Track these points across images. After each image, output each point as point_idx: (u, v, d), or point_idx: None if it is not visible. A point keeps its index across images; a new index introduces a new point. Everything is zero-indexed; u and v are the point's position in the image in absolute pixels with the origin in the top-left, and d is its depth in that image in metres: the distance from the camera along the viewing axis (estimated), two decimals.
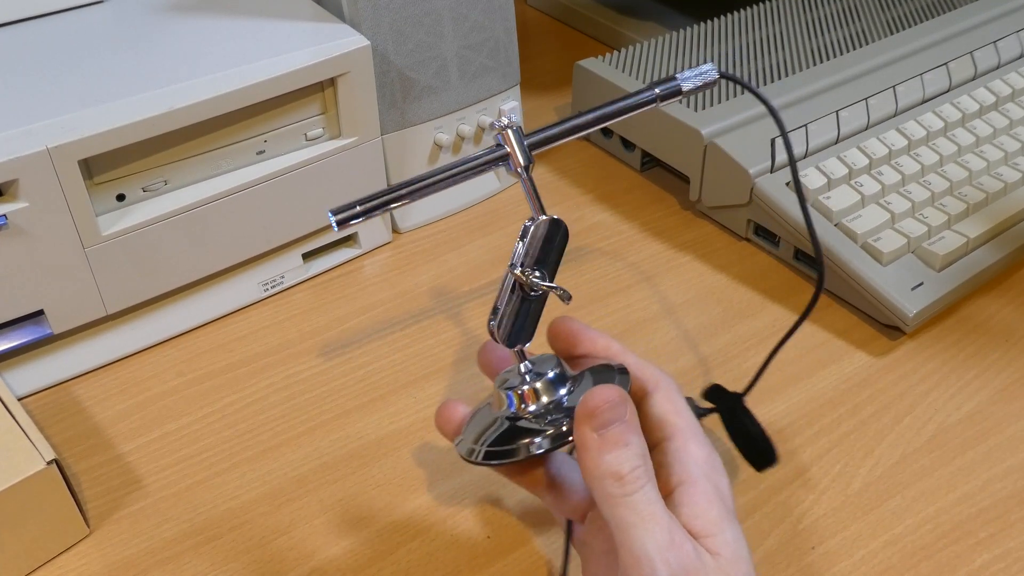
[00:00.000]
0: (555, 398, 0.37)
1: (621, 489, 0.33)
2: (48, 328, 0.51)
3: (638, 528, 0.32)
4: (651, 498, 0.33)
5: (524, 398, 0.37)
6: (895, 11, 0.77)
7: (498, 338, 0.38)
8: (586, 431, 0.34)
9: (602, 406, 0.34)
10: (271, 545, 0.45)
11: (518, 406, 0.38)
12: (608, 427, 0.34)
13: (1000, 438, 0.50)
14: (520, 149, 0.38)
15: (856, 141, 0.64)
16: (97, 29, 0.55)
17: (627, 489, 0.33)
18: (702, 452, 0.36)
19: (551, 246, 0.38)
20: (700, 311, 0.58)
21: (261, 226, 0.56)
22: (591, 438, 0.34)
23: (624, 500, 0.33)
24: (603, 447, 0.33)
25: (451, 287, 0.60)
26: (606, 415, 0.34)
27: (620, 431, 0.34)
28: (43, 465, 0.41)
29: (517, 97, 0.67)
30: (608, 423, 0.34)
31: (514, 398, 0.38)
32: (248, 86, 0.51)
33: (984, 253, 0.58)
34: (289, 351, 0.55)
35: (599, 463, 0.33)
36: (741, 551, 0.34)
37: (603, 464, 0.33)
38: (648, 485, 0.33)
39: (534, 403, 0.37)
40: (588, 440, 0.34)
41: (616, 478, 0.33)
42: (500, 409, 0.38)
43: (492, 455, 0.37)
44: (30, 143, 0.45)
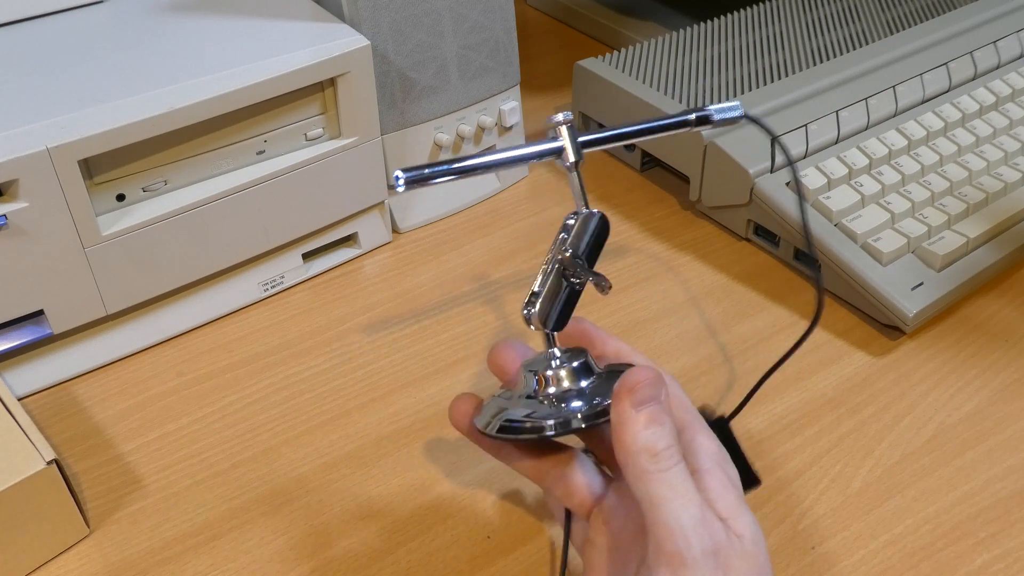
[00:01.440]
0: (577, 387, 0.38)
1: (657, 465, 0.34)
2: (48, 328, 0.51)
3: (673, 503, 0.33)
4: (684, 476, 0.34)
5: (548, 381, 0.38)
6: (895, 11, 0.77)
7: (534, 321, 0.39)
8: (625, 407, 0.35)
9: (643, 382, 0.35)
10: (271, 545, 0.45)
11: (541, 387, 0.38)
12: (647, 404, 0.35)
13: (1000, 438, 0.50)
14: (573, 145, 0.40)
15: (856, 141, 0.64)
16: (97, 29, 0.55)
17: (662, 465, 0.34)
18: (712, 444, 0.37)
19: (595, 239, 0.40)
20: (700, 311, 0.58)
21: (261, 226, 0.56)
22: (630, 414, 0.35)
23: (659, 475, 0.34)
24: (641, 423, 0.34)
25: (451, 287, 0.60)
26: (646, 391, 0.35)
27: (657, 410, 0.35)
28: (43, 465, 0.41)
29: (517, 97, 0.67)
30: (647, 400, 0.35)
31: (538, 380, 0.38)
32: (248, 86, 0.51)
33: (984, 253, 0.58)
34: (289, 351, 0.55)
35: (637, 438, 0.34)
36: (759, 535, 0.35)
37: (641, 439, 0.34)
38: (681, 463, 0.34)
39: (556, 387, 0.38)
40: (627, 415, 0.35)
41: (652, 454, 0.34)
42: (524, 388, 0.39)
43: (506, 430, 0.38)
44: (30, 143, 0.45)
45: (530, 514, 0.46)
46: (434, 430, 0.50)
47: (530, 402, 0.38)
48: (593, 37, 0.88)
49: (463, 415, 0.41)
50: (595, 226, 0.40)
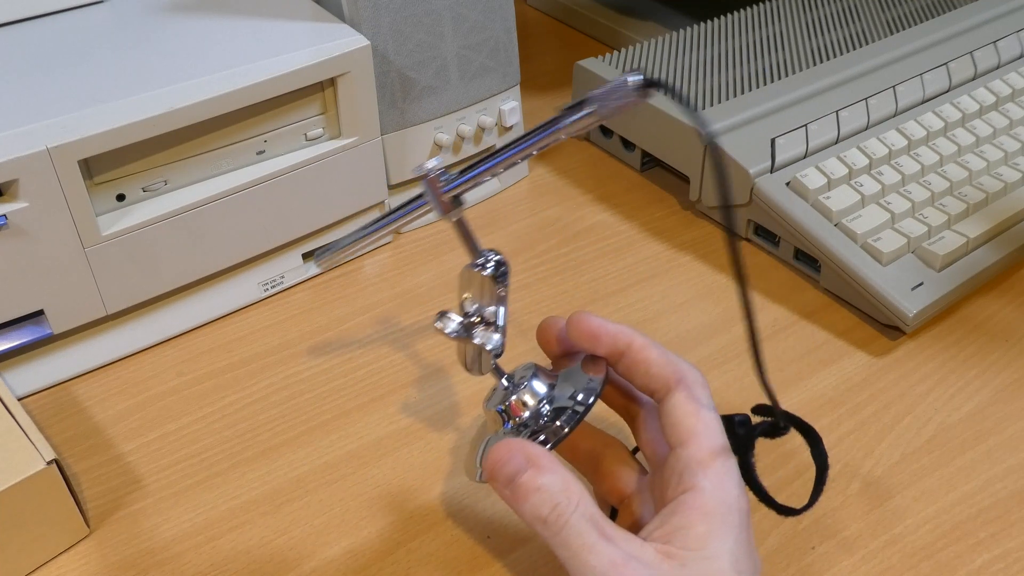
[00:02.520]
0: (540, 397, 0.39)
1: (548, 530, 0.33)
2: (48, 328, 0.51)
3: (575, 561, 0.33)
4: (580, 530, 0.33)
5: (513, 410, 0.39)
6: (895, 11, 0.77)
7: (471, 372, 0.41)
8: (499, 489, 0.35)
9: (499, 464, 0.35)
10: (271, 545, 0.45)
11: (512, 420, 0.39)
12: (514, 480, 0.34)
13: (1000, 438, 0.50)
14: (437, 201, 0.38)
15: (856, 141, 0.64)
16: (97, 29, 0.55)
17: (553, 529, 0.33)
18: (715, 461, 0.35)
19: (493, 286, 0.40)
20: (700, 311, 0.58)
21: (261, 226, 0.56)
22: (505, 495, 0.35)
23: (556, 539, 0.33)
24: (517, 500, 0.34)
25: (451, 287, 0.60)
26: (506, 471, 0.35)
27: (527, 479, 0.34)
28: (43, 465, 0.41)
29: (517, 97, 0.67)
30: (511, 477, 0.34)
31: (505, 412, 0.39)
32: (248, 86, 0.51)
33: (984, 253, 0.58)
34: (289, 351, 0.55)
35: (522, 514, 0.34)
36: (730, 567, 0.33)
37: (525, 514, 0.34)
38: (574, 517, 0.33)
39: (524, 411, 0.38)
40: (505, 496, 0.35)
41: (540, 522, 0.34)
42: (498, 428, 0.39)
43: None
44: (30, 143, 0.45)
45: None
46: (434, 430, 0.50)
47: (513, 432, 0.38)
48: (593, 37, 0.88)
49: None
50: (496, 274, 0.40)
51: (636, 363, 0.38)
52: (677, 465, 0.36)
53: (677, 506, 0.34)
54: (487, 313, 0.40)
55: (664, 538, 0.34)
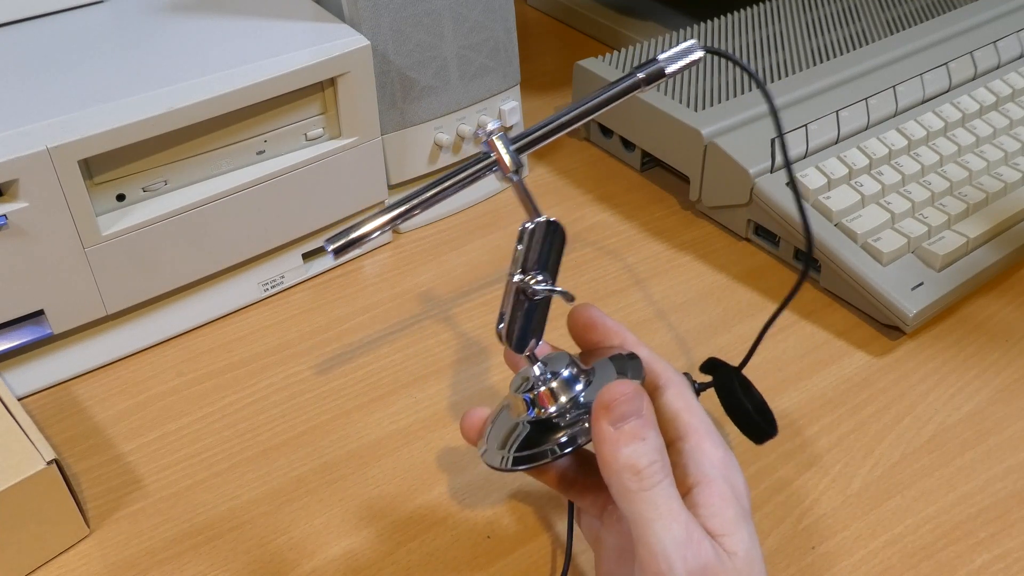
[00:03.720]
0: (572, 395, 0.38)
1: (639, 483, 0.33)
2: (48, 328, 0.51)
3: (656, 523, 0.32)
4: (669, 494, 0.33)
5: (542, 400, 0.38)
6: (895, 11, 0.77)
7: (506, 343, 0.38)
8: (603, 425, 0.34)
9: (618, 399, 0.34)
10: (271, 545, 0.45)
11: (537, 409, 0.38)
12: (625, 421, 0.34)
13: (1000, 438, 0.50)
14: (509, 154, 0.37)
15: (856, 141, 0.64)
16: (97, 29, 0.55)
17: (644, 484, 0.33)
18: (717, 452, 0.36)
19: (550, 248, 0.38)
20: (700, 311, 0.58)
21: (261, 226, 0.56)
22: (608, 432, 0.34)
23: (642, 495, 0.33)
24: (620, 441, 0.33)
25: (451, 287, 0.60)
26: (622, 409, 0.34)
27: (637, 425, 0.34)
28: (43, 465, 0.41)
29: (517, 97, 0.67)
30: (625, 417, 0.34)
31: (532, 401, 0.38)
32: (248, 86, 0.51)
33: (984, 253, 0.58)
34: (289, 351, 0.55)
35: (617, 457, 0.33)
36: (755, 551, 0.34)
37: (621, 458, 0.33)
38: (666, 480, 0.33)
39: (552, 404, 0.37)
40: (605, 434, 0.34)
41: (633, 472, 0.33)
42: (520, 414, 0.38)
43: (521, 460, 0.37)
44: (30, 143, 0.45)
45: (530, 514, 0.46)
46: (434, 430, 0.50)
47: (533, 426, 0.38)
48: (593, 37, 0.88)
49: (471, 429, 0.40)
50: (545, 235, 0.38)
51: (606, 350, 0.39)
52: (681, 458, 0.36)
53: (699, 497, 0.35)
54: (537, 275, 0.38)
55: None
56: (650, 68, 0.39)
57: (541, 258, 0.38)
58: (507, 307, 0.38)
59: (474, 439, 0.40)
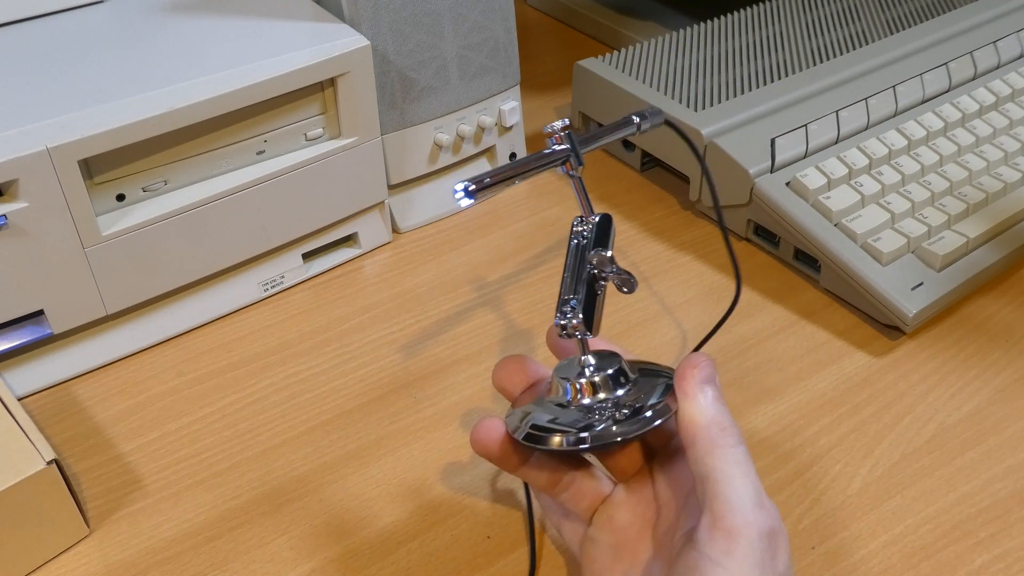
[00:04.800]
0: (611, 396, 0.38)
1: (725, 439, 0.34)
2: (48, 328, 0.51)
3: (737, 480, 0.33)
4: (748, 455, 0.34)
5: (581, 390, 0.38)
6: (895, 11, 0.77)
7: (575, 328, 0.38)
8: (693, 382, 0.35)
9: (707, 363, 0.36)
10: (271, 545, 0.45)
11: (573, 396, 0.38)
12: (710, 382, 0.36)
13: (1000, 438, 0.50)
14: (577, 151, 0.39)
15: (856, 141, 0.64)
16: (97, 29, 0.55)
17: (730, 440, 0.34)
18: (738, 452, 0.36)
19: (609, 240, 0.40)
20: (700, 311, 0.58)
21: (261, 226, 0.56)
22: (698, 388, 0.35)
23: (728, 451, 0.34)
24: (710, 398, 0.35)
25: (451, 287, 0.60)
26: (709, 369, 0.36)
27: (719, 391, 0.36)
28: (43, 465, 0.41)
29: (517, 97, 0.67)
30: (711, 378, 0.36)
31: (570, 389, 0.38)
32: (248, 86, 0.51)
33: (984, 253, 0.58)
34: (289, 351, 0.55)
35: (705, 412, 0.35)
36: None
37: (709, 412, 0.35)
38: (744, 444, 0.35)
39: (589, 397, 0.38)
40: (695, 390, 0.35)
41: (721, 428, 0.34)
42: (555, 396, 0.39)
43: (532, 438, 0.37)
44: (30, 143, 0.45)
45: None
46: (434, 430, 0.50)
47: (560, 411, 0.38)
48: (593, 37, 0.88)
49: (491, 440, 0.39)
50: (612, 228, 0.40)
51: None
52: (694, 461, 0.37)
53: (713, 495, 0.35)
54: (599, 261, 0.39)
55: None
56: None
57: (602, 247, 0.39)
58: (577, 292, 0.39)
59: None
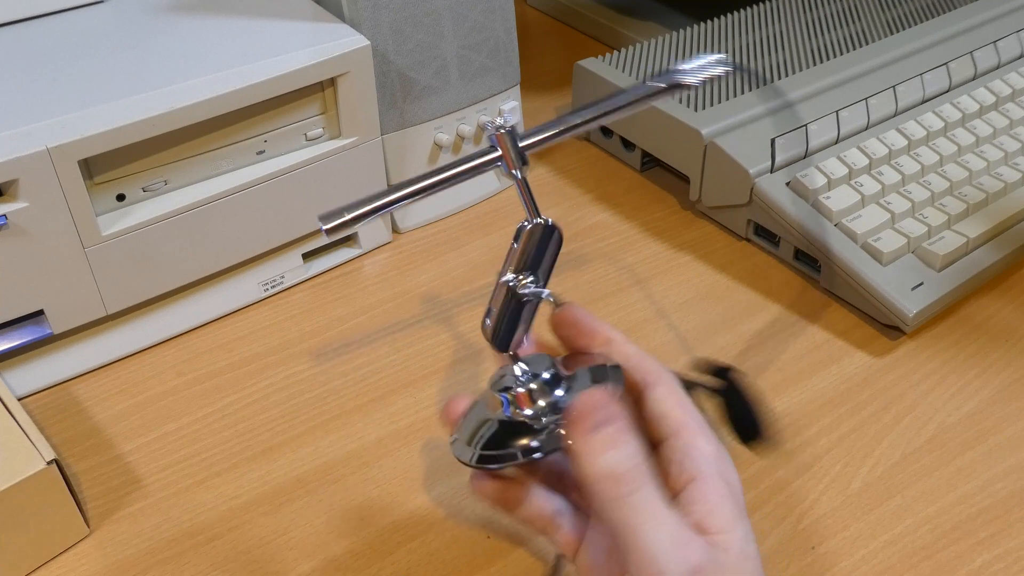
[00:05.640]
0: (550, 400, 0.37)
1: (619, 490, 0.32)
2: (48, 328, 0.51)
3: (642, 528, 0.32)
4: (653, 497, 0.32)
5: (519, 400, 0.37)
6: (895, 11, 0.77)
7: (490, 341, 0.37)
8: (578, 435, 0.33)
9: (592, 408, 0.33)
10: (271, 545, 0.45)
11: (513, 409, 0.37)
12: (600, 429, 0.33)
13: (1000, 438, 0.50)
14: (514, 151, 0.37)
15: (856, 141, 0.64)
16: (97, 29, 0.55)
17: (625, 490, 0.32)
18: (710, 447, 0.35)
19: (544, 251, 0.38)
20: (700, 311, 0.58)
21: (261, 226, 0.56)
22: (584, 441, 0.33)
23: (625, 501, 0.32)
24: (597, 449, 0.33)
25: (451, 287, 0.60)
26: (597, 417, 0.33)
27: (612, 432, 0.33)
28: (43, 465, 0.41)
29: (517, 97, 0.67)
30: (600, 425, 0.33)
31: (509, 401, 0.37)
32: (248, 86, 0.51)
33: (984, 253, 0.58)
34: (289, 351, 0.55)
35: (595, 466, 0.33)
36: (750, 548, 0.33)
37: (599, 466, 0.33)
38: (648, 484, 0.33)
39: (529, 406, 0.37)
40: (581, 444, 0.33)
41: (613, 480, 0.32)
42: (495, 412, 0.38)
43: (487, 459, 0.36)
44: (30, 143, 0.45)
45: None
46: (434, 430, 0.50)
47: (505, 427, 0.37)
48: (593, 37, 0.88)
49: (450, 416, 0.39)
50: (541, 237, 0.37)
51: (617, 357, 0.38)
52: (675, 455, 0.35)
53: (694, 493, 0.34)
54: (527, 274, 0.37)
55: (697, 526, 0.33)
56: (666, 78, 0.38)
57: (535, 259, 0.37)
58: (495, 304, 0.37)
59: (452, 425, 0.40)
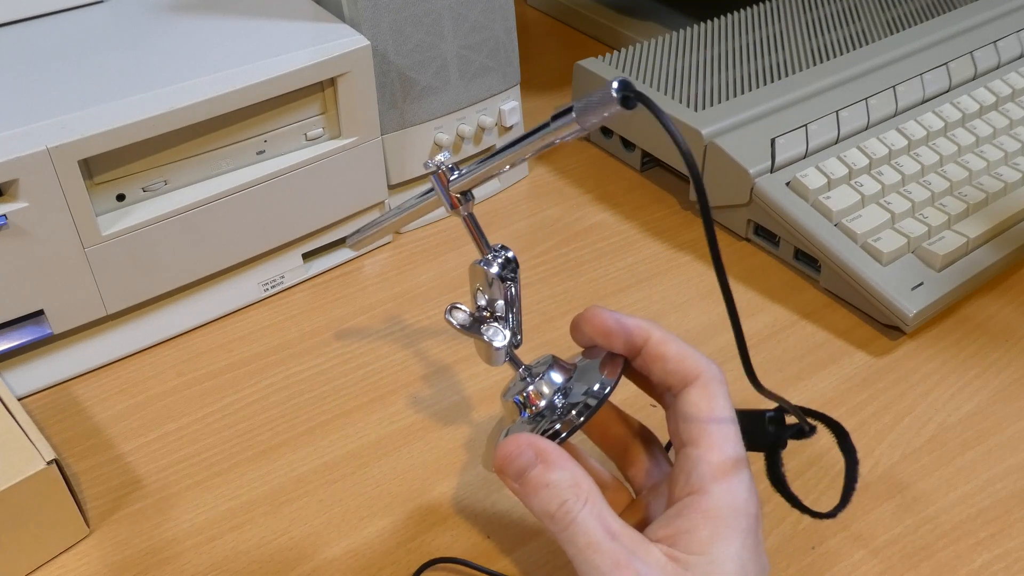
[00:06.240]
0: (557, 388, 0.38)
1: (556, 526, 0.34)
2: (48, 328, 0.51)
3: (580, 558, 0.33)
4: (587, 528, 0.33)
5: (531, 400, 0.39)
6: (895, 11, 0.77)
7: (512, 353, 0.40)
8: (509, 483, 0.35)
9: (508, 459, 0.35)
10: (271, 545, 0.45)
11: (529, 409, 0.39)
12: (524, 474, 0.35)
13: (1000, 438, 0.50)
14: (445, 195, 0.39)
15: (856, 141, 0.64)
16: (97, 29, 0.55)
17: (559, 525, 0.34)
18: (724, 462, 0.35)
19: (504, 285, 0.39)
20: (700, 311, 0.58)
21: (261, 226, 0.56)
22: (515, 489, 0.35)
23: (564, 535, 0.33)
24: (526, 494, 0.34)
25: (451, 287, 0.60)
26: (516, 465, 0.35)
27: (536, 475, 0.34)
28: (43, 465, 0.41)
29: (517, 97, 0.67)
30: (522, 471, 0.35)
31: (523, 403, 0.39)
32: (248, 86, 0.51)
33: (984, 253, 0.58)
34: (289, 351, 0.55)
35: (531, 508, 0.34)
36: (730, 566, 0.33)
37: (534, 508, 0.34)
38: (582, 514, 0.33)
39: (541, 399, 0.38)
40: (515, 491, 0.35)
41: (548, 518, 0.34)
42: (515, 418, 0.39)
43: None
44: (30, 143, 0.45)
45: (530, 514, 0.46)
46: (434, 430, 0.50)
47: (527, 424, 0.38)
48: (593, 37, 0.88)
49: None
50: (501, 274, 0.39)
51: (653, 359, 0.37)
52: (686, 465, 0.35)
53: (683, 508, 0.34)
54: (498, 307, 0.40)
55: (669, 540, 0.33)
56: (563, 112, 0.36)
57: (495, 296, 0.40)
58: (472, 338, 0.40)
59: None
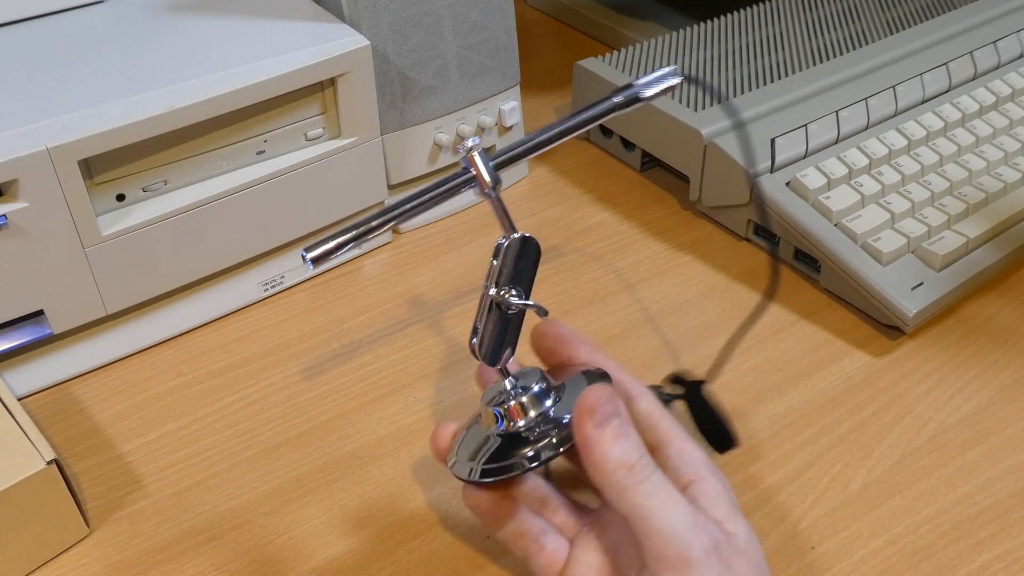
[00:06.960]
0: (542, 410, 0.38)
1: (634, 477, 0.34)
2: (48, 328, 0.51)
3: (659, 511, 0.33)
4: (665, 482, 0.34)
5: (512, 414, 0.38)
6: (895, 11, 0.77)
7: (479, 357, 0.38)
8: (588, 428, 0.35)
9: (600, 400, 0.35)
10: (271, 545, 0.45)
11: (507, 423, 0.38)
12: (609, 421, 0.35)
13: (1000, 438, 0.50)
14: (487, 170, 0.39)
15: (856, 141, 0.64)
16: (97, 29, 0.55)
17: (640, 476, 0.34)
18: (699, 453, 0.38)
19: (524, 264, 0.39)
20: (700, 311, 0.58)
21: (261, 226, 0.56)
22: (595, 434, 0.34)
23: (641, 487, 0.34)
24: (609, 440, 0.34)
25: (451, 287, 0.60)
26: (605, 409, 0.35)
27: (620, 424, 0.35)
28: (43, 465, 0.41)
29: (517, 97, 0.67)
30: (608, 417, 0.35)
31: (502, 415, 0.38)
32: (248, 86, 0.51)
33: (984, 253, 0.58)
34: (289, 351, 0.55)
35: (608, 456, 0.34)
36: (753, 535, 0.35)
37: (612, 456, 0.34)
38: (658, 471, 0.34)
39: (522, 418, 0.38)
40: (592, 437, 0.34)
41: (627, 468, 0.34)
42: (490, 427, 0.39)
43: (489, 472, 0.38)
44: (30, 143, 0.45)
45: None
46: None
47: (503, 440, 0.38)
48: (593, 37, 0.88)
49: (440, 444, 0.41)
50: (520, 251, 0.39)
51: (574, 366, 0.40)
52: (670, 461, 0.37)
53: (696, 492, 0.36)
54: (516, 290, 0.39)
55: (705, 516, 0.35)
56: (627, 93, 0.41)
57: (516, 273, 0.39)
58: (481, 321, 0.38)
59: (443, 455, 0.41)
